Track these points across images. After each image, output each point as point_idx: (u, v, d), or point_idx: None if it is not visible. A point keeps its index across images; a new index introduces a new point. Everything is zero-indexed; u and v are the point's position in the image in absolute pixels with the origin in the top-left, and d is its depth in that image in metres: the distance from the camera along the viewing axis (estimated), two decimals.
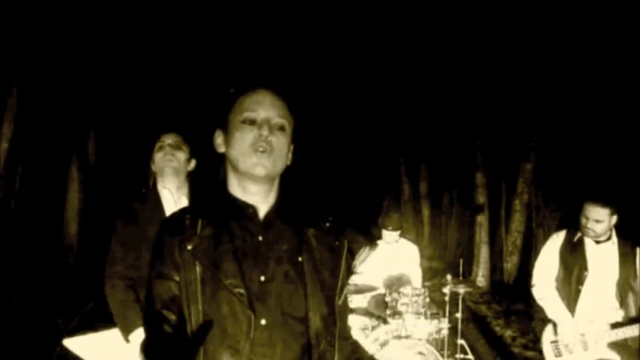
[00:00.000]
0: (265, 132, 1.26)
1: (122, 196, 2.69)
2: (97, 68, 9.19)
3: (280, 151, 1.29)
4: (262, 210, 1.32)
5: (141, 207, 2.49)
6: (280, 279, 1.26)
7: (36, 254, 8.13)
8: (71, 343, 2.36)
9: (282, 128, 1.30)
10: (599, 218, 3.11)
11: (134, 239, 2.40)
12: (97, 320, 2.49)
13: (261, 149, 1.25)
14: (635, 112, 7.05)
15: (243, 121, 1.28)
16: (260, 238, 1.28)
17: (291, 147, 1.36)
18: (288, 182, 1.39)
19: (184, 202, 2.50)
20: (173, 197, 2.51)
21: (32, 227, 8.85)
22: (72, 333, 2.62)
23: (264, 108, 1.29)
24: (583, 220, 3.18)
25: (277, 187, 1.36)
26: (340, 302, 1.34)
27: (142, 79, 9.72)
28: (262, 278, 1.25)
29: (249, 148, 1.26)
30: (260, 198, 1.32)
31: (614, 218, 3.16)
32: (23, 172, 9.19)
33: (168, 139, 2.55)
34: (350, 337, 1.44)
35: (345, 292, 1.37)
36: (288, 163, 1.35)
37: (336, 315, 1.31)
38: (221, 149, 1.35)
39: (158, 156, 2.53)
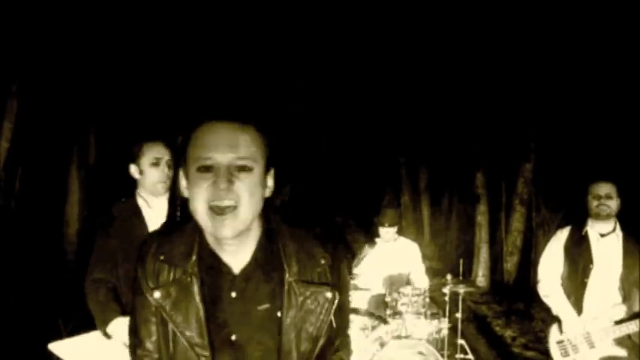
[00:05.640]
0: (223, 184, 1.08)
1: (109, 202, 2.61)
2: (96, 69, 9.18)
3: (249, 197, 1.10)
4: (240, 262, 1.18)
5: (119, 214, 2.42)
6: (254, 337, 1.16)
7: (36, 254, 8.12)
8: (56, 348, 2.33)
9: (247, 169, 1.11)
10: (609, 192, 3.17)
11: (112, 247, 2.37)
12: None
13: (220, 211, 1.08)
14: (634, 112, 7.06)
15: (198, 169, 1.10)
16: (233, 294, 1.16)
17: (271, 172, 1.20)
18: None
19: (163, 212, 2.45)
20: (153, 211, 2.44)
21: (32, 227, 8.84)
22: (72, 333, 2.61)
23: (221, 150, 1.09)
24: (594, 202, 3.20)
25: (259, 225, 1.21)
26: (323, 341, 1.21)
27: (142, 79, 9.71)
28: (233, 337, 1.16)
29: (208, 205, 1.09)
30: (237, 248, 1.17)
31: (619, 201, 3.20)
32: (23, 172, 9.20)
33: (167, 155, 2.43)
34: None
35: (332, 327, 1.24)
36: (268, 194, 1.20)
37: None
38: (186, 194, 1.17)
39: (151, 171, 2.40)
